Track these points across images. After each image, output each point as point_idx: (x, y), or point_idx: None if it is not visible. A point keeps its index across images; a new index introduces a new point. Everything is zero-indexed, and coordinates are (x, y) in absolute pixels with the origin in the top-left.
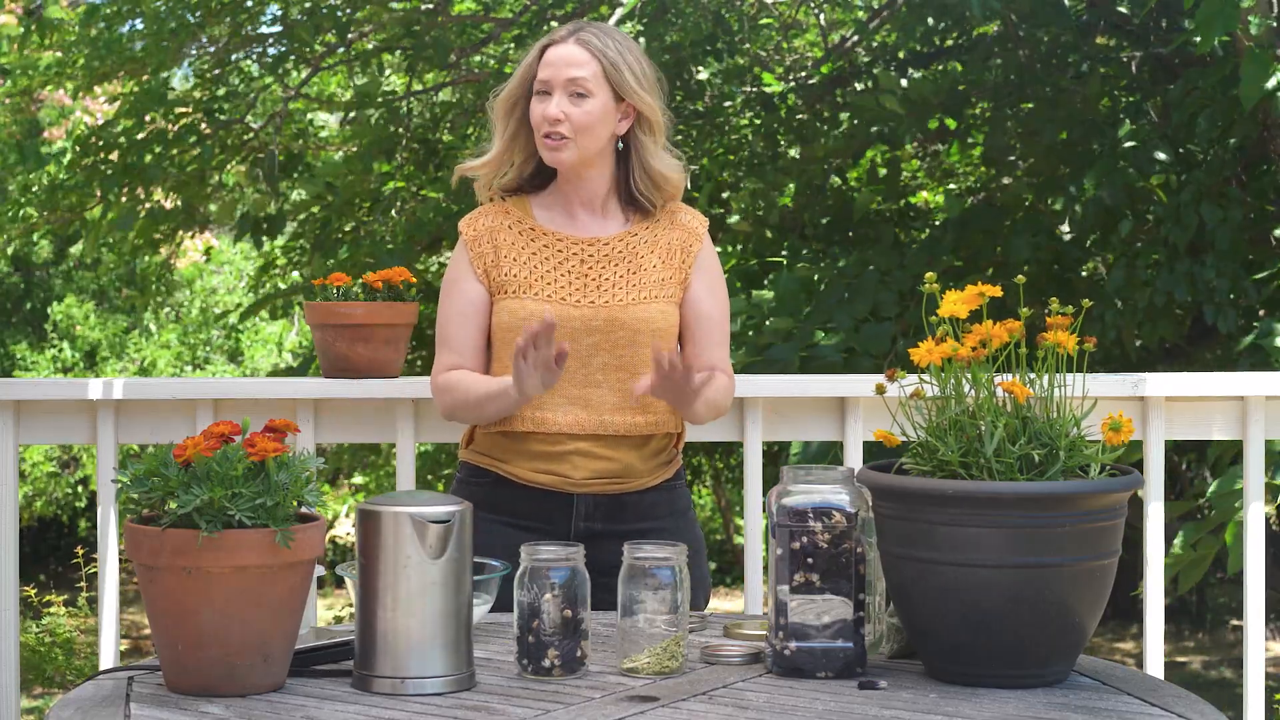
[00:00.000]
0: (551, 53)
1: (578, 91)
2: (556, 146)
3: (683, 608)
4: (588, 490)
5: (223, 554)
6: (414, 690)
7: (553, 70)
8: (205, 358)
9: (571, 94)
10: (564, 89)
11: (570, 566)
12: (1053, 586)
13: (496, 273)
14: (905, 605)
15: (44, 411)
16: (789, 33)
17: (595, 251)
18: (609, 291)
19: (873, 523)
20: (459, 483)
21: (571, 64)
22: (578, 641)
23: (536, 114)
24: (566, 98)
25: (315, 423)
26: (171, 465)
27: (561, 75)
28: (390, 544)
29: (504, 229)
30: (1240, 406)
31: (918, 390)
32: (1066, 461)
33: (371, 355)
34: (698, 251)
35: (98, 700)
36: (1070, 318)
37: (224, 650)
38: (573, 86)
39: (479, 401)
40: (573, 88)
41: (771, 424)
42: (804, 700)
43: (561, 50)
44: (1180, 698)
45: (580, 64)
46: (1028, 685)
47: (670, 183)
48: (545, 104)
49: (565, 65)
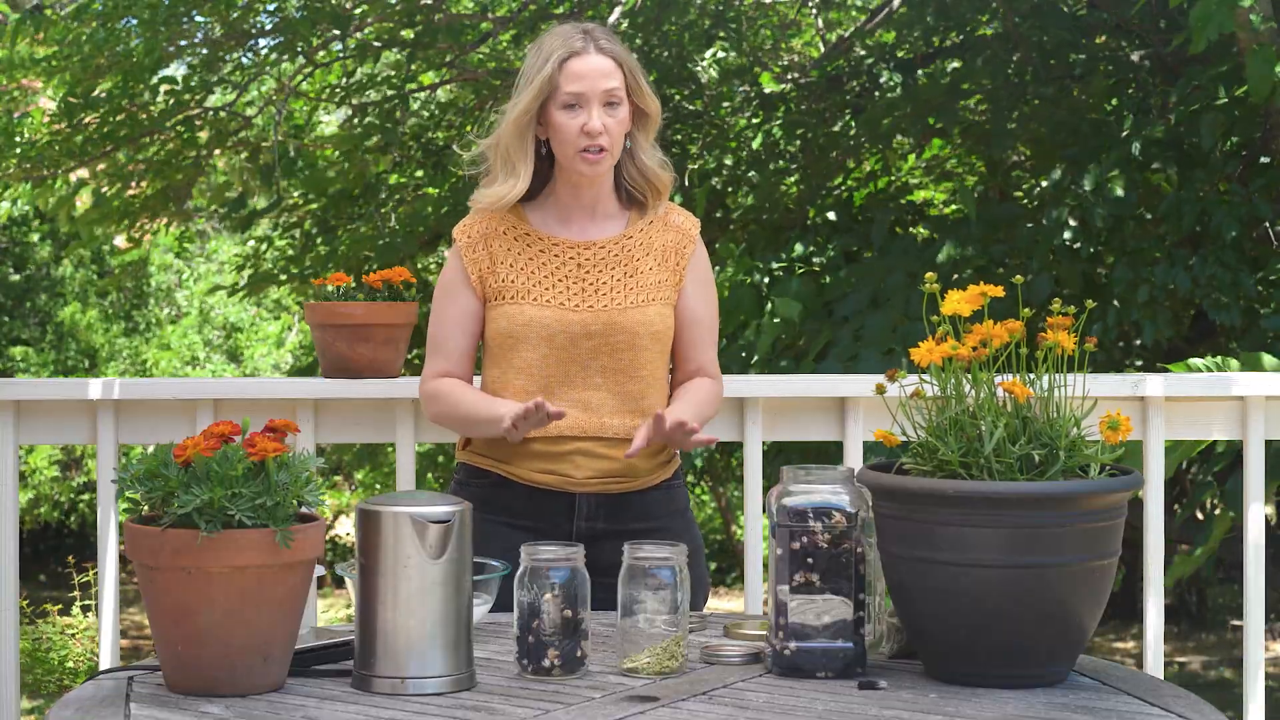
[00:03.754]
0: (579, 65)
1: (611, 101)
2: (598, 160)
3: (683, 608)
4: (589, 490)
5: (223, 554)
6: (414, 690)
7: (586, 83)
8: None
9: (606, 105)
10: (600, 100)
11: (570, 566)
12: (1053, 586)
13: (492, 279)
14: (905, 605)
15: (44, 411)
16: (786, 32)
17: (592, 255)
18: (607, 295)
19: (873, 523)
20: (458, 484)
21: (604, 75)
22: (578, 641)
23: (571, 128)
24: (602, 108)
25: (315, 423)
26: (171, 465)
27: (598, 87)
28: (390, 544)
29: (499, 235)
30: (1240, 406)
31: (918, 390)
32: (1066, 462)
33: (371, 355)
34: (691, 253)
35: (98, 700)
36: (1070, 318)
37: (224, 650)
38: (609, 98)
39: (466, 421)
40: (609, 99)
41: (771, 424)
42: (804, 700)
43: (590, 62)
44: (1180, 698)
45: (610, 74)
46: (1028, 685)
47: (660, 179)
48: (580, 117)
49: (599, 77)
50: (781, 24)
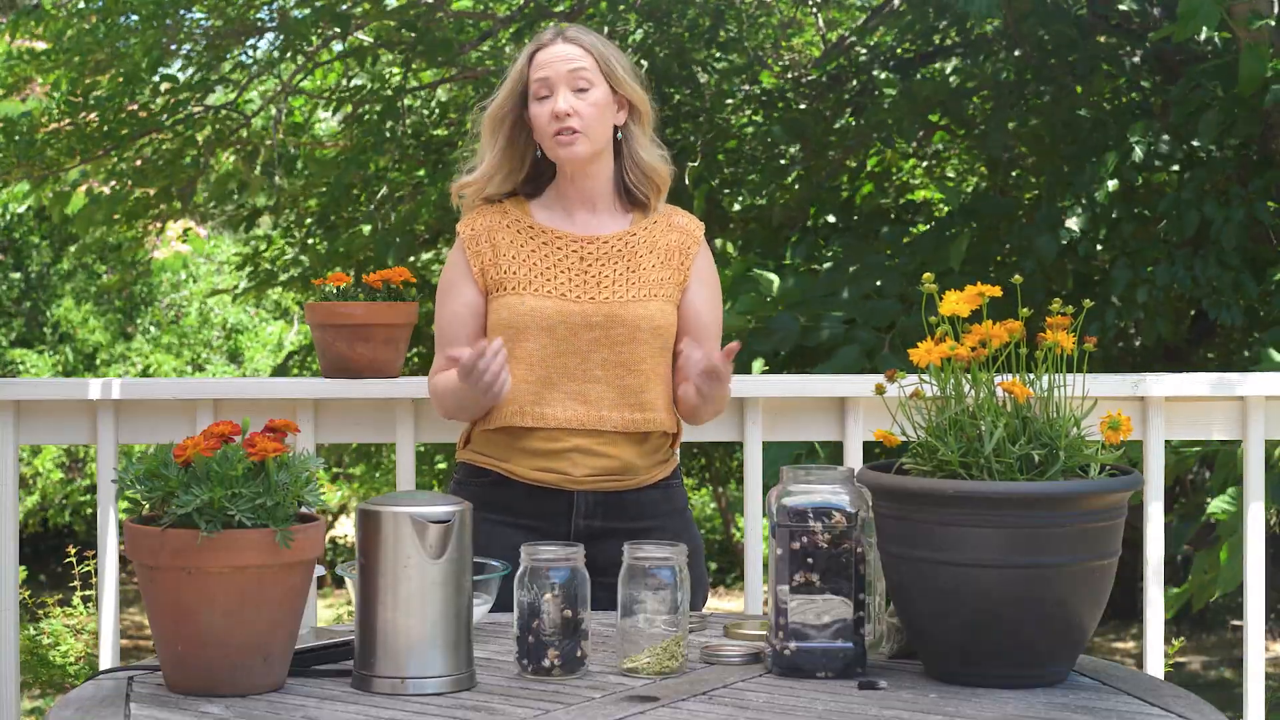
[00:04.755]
0: (543, 54)
1: (580, 85)
2: (571, 141)
3: (683, 607)
4: (588, 488)
5: (223, 554)
6: (414, 690)
7: (550, 69)
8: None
9: (575, 88)
10: (566, 83)
11: (570, 566)
12: (1053, 586)
13: (495, 270)
14: (905, 605)
15: (44, 411)
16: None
17: (595, 249)
18: (608, 288)
19: (873, 523)
20: (457, 483)
21: (567, 60)
22: (578, 641)
23: (543, 115)
24: (571, 92)
25: (315, 423)
26: (171, 465)
27: (561, 70)
28: (390, 544)
29: (502, 227)
30: (1240, 406)
31: (918, 390)
32: (1066, 462)
33: (371, 355)
34: (695, 255)
35: (98, 700)
36: (1070, 318)
37: (224, 650)
38: (574, 80)
39: (462, 405)
40: (575, 81)
41: (771, 424)
42: (804, 700)
43: (554, 50)
44: (1180, 698)
45: (576, 58)
46: (1028, 685)
47: (659, 174)
48: (549, 104)
49: (562, 62)
50: (782, 23)
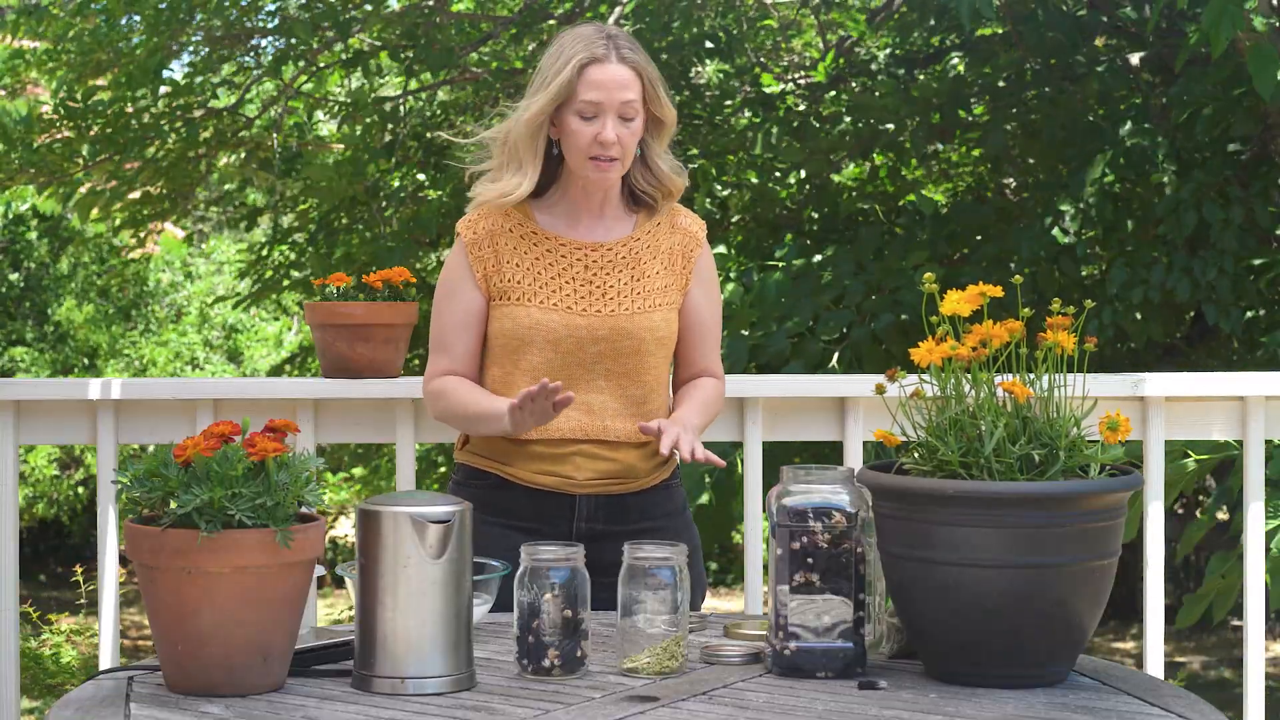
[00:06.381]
0: (598, 73)
1: (628, 115)
2: (607, 169)
3: (683, 607)
4: (589, 491)
5: (223, 554)
6: (414, 690)
7: (604, 94)
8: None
9: (622, 117)
10: (616, 112)
11: (570, 566)
12: (1053, 586)
13: (497, 278)
14: (905, 605)
15: (44, 412)
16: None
17: (599, 257)
18: (614, 300)
19: (873, 523)
20: (456, 484)
21: (623, 86)
22: (578, 641)
23: (585, 135)
24: (618, 120)
25: (315, 423)
26: (171, 465)
27: (615, 99)
28: (390, 544)
29: (505, 232)
30: (1240, 406)
31: (918, 390)
32: (1066, 462)
33: (371, 355)
34: (698, 256)
35: (98, 700)
36: (1070, 318)
37: (224, 650)
38: (625, 110)
39: (470, 418)
40: (625, 111)
41: (771, 424)
42: (804, 700)
43: (610, 71)
44: (1180, 698)
45: (629, 85)
46: (1028, 685)
47: (674, 184)
48: (594, 126)
49: (617, 88)
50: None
